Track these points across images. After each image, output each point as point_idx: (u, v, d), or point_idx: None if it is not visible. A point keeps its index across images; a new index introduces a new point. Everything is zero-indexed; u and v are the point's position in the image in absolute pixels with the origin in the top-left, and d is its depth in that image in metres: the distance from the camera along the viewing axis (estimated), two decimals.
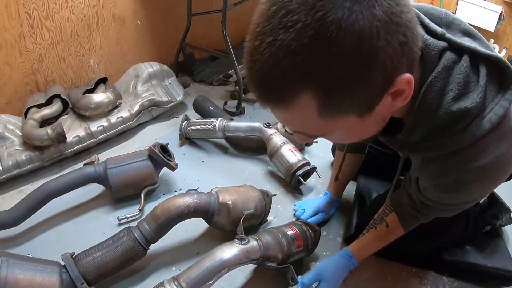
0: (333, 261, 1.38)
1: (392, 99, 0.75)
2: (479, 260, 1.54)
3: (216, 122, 2.08)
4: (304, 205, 1.76)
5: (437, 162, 0.97)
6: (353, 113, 0.74)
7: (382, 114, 0.81)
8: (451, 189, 0.99)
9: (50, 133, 1.79)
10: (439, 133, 0.90)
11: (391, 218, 1.32)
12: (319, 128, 0.80)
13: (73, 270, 1.21)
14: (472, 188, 0.97)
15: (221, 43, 2.80)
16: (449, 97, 0.84)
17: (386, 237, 1.35)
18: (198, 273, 1.16)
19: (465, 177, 0.93)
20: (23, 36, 2.06)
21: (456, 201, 1.08)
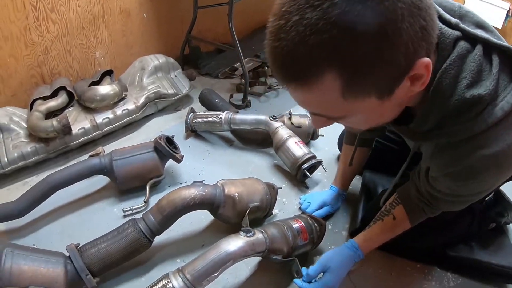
0: (339, 252, 1.38)
1: (411, 84, 0.77)
2: (483, 257, 1.53)
3: (222, 114, 2.07)
4: (310, 199, 1.75)
5: (449, 150, 0.97)
6: (375, 95, 0.75)
7: (400, 99, 0.81)
8: (462, 177, 0.98)
9: (56, 125, 1.79)
10: (452, 120, 0.90)
11: (398, 211, 1.32)
12: (339, 110, 0.79)
13: (78, 261, 1.21)
14: (483, 177, 0.96)
15: (227, 36, 2.79)
16: (462, 84, 0.85)
17: (392, 230, 1.35)
18: (203, 265, 1.16)
19: (476, 165, 0.92)
20: (29, 29, 2.05)
21: (466, 192, 1.07)
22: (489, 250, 1.56)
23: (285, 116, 2.14)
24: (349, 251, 1.36)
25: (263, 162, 2.08)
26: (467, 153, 0.92)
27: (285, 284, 1.43)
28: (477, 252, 1.54)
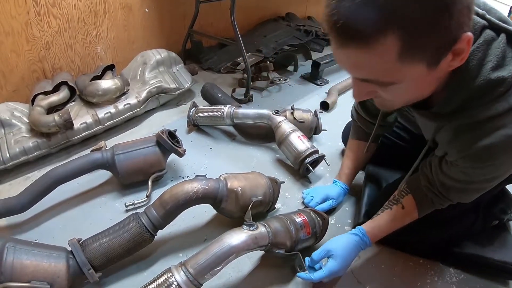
0: (344, 237, 1.37)
1: (452, 58, 0.83)
2: (486, 253, 1.52)
3: (224, 109, 2.07)
4: (313, 192, 1.75)
5: (470, 131, 1.00)
6: (425, 62, 0.81)
7: (440, 73, 0.89)
8: (481, 158, 1.01)
9: (58, 120, 1.78)
10: (476, 101, 0.96)
11: (407, 200, 1.33)
12: (392, 74, 0.84)
13: (80, 256, 1.20)
14: (502, 159, 0.99)
15: (229, 31, 2.79)
16: (488, 66, 0.92)
17: (400, 219, 1.35)
18: (206, 258, 1.15)
19: (497, 144, 0.95)
20: (30, 24, 2.05)
21: (481, 176, 1.09)
22: (492, 246, 1.56)
23: (288, 111, 2.13)
24: (354, 237, 1.36)
25: (265, 156, 2.07)
26: (488, 133, 0.96)
27: (288, 279, 1.42)
28: (480, 248, 1.54)
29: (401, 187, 1.39)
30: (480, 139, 0.98)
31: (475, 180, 1.12)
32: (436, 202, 1.28)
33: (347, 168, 1.75)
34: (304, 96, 2.84)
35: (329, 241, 1.37)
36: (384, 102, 1.00)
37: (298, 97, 2.81)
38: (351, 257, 1.35)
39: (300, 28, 3.89)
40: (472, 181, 1.13)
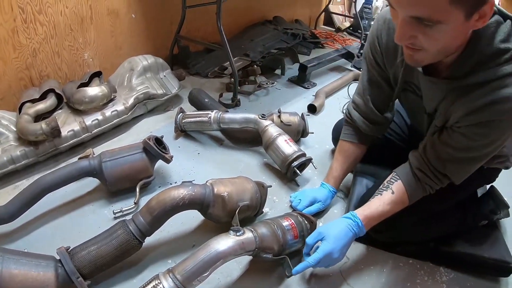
0: (336, 221, 1.40)
1: (477, 18, 0.98)
2: (477, 251, 1.55)
3: (211, 114, 2.07)
4: (300, 196, 1.76)
5: (478, 89, 1.13)
6: (465, 10, 0.95)
7: (467, 29, 1.04)
8: (484, 114, 1.12)
9: (45, 128, 1.78)
10: (485, 65, 1.10)
11: (397, 186, 1.39)
12: (440, 13, 0.95)
13: (69, 264, 1.20)
14: (502, 118, 1.11)
15: (216, 35, 2.80)
16: (497, 39, 1.08)
17: (390, 204, 1.39)
18: (193, 265, 1.16)
19: (500, 101, 1.08)
20: (17, 31, 2.04)
21: (481, 139, 1.20)
22: (482, 244, 1.58)
23: (275, 114, 2.15)
24: (345, 219, 1.38)
25: (253, 160, 2.09)
26: (494, 90, 1.09)
27: (277, 283, 1.43)
28: (470, 247, 1.56)
29: (391, 175, 1.43)
30: (485, 95, 1.10)
31: (474, 146, 1.22)
32: (426, 185, 1.35)
33: (336, 171, 1.76)
34: (292, 99, 2.86)
35: (321, 226, 1.40)
36: (416, 54, 1.10)
37: (286, 100, 2.83)
38: (344, 238, 1.35)
39: (288, 31, 3.91)
40: (470, 147, 1.23)
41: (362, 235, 1.39)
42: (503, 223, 1.78)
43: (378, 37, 1.43)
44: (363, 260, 1.57)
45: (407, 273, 1.54)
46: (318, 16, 5.09)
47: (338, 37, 4.74)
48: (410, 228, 1.52)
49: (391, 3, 1.03)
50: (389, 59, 1.44)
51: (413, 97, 1.44)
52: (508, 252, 1.55)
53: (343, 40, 4.65)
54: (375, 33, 1.45)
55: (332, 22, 5.33)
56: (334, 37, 4.69)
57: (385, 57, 1.45)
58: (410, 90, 1.44)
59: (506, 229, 1.78)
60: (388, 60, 1.44)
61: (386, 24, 1.39)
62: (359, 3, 4.98)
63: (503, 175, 1.61)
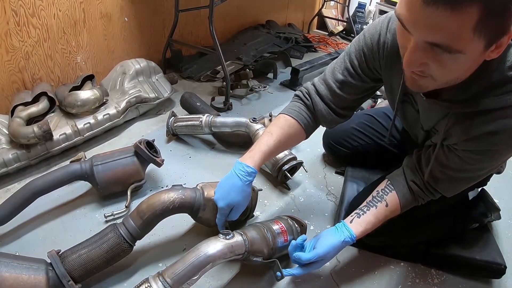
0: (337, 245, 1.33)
1: (494, 49, 0.91)
2: (468, 253, 1.56)
3: (202, 118, 2.09)
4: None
5: (479, 116, 1.08)
6: (486, 41, 0.87)
7: (482, 59, 0.96)
8: (482, 143, 1.10)
9: (37, 131, 1.78)
10: (489, 92, 1.04)
11: (391, 197, 1.38)
12: (461, 43, 0.87)
13: (59, 268, 1.21)
14: (501, 148, 1.10)
15: (209, 39, 2.81)
16: (506, 65, 1.01)
17: (384, 217, 1.38)
18: (182, 268, 1.16)
19: (501, 132, 1.05)
20: (10, 34, 2.05)
21: (475, 164, 1.18)
22: (473, 246, 1.59)
23: (266, 118, 2.16)
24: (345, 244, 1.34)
25: None
26: (496, 120, 1.05)
27: (267, 286, 1.45)
28: (462, 249, 1.58)
29: (385, 184, 1.42)
30: (486, 124, 1.06)
31: (468, 168, 1.20)
32: (419, 197, 1.36)
33: (265, 145, 1.46)
34: (284, 103, 2.86)
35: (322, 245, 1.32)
36: (422, 80, 1.03)
37: (278, 104, 2.84)
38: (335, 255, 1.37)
39: (280, 35, 3.92)
40: (464, 169, 1.21)
41: None
42: (494, 225, 1.80)
43: (379, 43, 1.29)
44: (354, 263, 1.58)
45: (399, 275, 1.55)
46: (311, 20, 5.10)
47: (331, 41, 4.75)
48: (401, 232, 1.53)
49: (404, 25, 0.91)
50: (384, 68, 1.33)
51: (411, 110, 1.39)
52: (499, 253, 1.56)
53: (336, 44, 4.66)
54: (377, 39, 1.30)
55: (325, 26, 5.34)
56: (327, 41, 4.70)
57: (382, 66, 1.33)
58: (408, 102, 1.37)
59: (497, 231, 1.80)
60: (382, 68, 1.33)
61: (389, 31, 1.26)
62: (352, 7, 5.01)
63: (492, 178, 1.63)
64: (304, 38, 4.35)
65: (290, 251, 1.37)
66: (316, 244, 1.35)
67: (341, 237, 1.33)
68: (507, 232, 1.82)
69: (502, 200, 1.73)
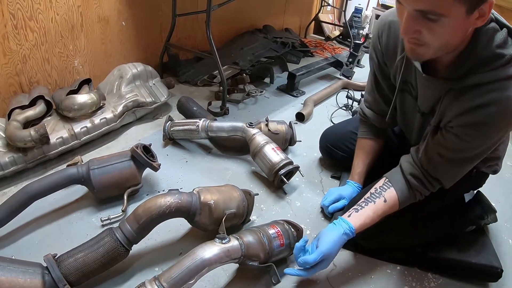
0: (339, 241, 1.37)
1: (477, 17, 1.06)
2: (464, 257, 1.57)
3: (199, 122, 2.09)
4: (328, 194, 1.80)
5: (471, 90, 1.19)
6: (466, 6, 1.01)
7: (468, 26, 1.10)
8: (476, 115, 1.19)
9: (33, 135, 1.78)
10: (480, 68, 1.16)
11: (389, 193, 1.43)
12: (445, 7, 1.02)
13: (55, 271, 1.21)
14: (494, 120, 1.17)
15: (206, 43, 2.81)
16: (494, 44, 1.14)
17: (383, 212, 1.43)
18: (179, 272, 1.17)
19: (492, 103, 1.15)
20: (7, 37, 2.05)
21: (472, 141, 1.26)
22: (470, 249, 1.60)
23: (262, 123, 2.16)
24: (345, 237, 1.37)
25: (241, 169, 2.10)
26: (487, 93, 1.15)
27: None
28: (457, 252, 1.58)
29: (383, 181, 1.47)
30: (479, 97, 1.17)
31: (464, 147, 1.28)
32: (417, 192, 1.42)
33: (358, 167, 1.81)
34: (280, 107, 2.88)
35: (324, 245, 1.35)
36: (419, 48, 1.16)
37: (274, 108, 2.85)
38: (336, 253, 1.38)
39: (277, 40, 3.93)
40: (461, 148, 1.29)
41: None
42: (491, 228, 1.81)
43: (379, 37, 1.53)
44: (351, 267, 1.58)
45: (395, 279, 1.55)
46: (308, 24, 5.12)
47: (327, 45, 4.77)
48: (397, 233, 1.54)
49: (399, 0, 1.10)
50: (389, 57, 1.52)
51: (409, 99, 1.52)
52: (496, 257, 1.57)
53: (332, 49, 4.68)
54: (376, 34, 1.54)
55: (322, 31, 5.37)
56: (324, 46, 4.71)
57: (385, 55, 1.54)
58: (407, 90, 1.51)
59: (494, 234, 1.80)
60: (388, 58, 1.53)
61: (387, 25, 1.48)
62: (348, 12, 5.02)
63: (488, 180, 1.64)
64: (301, 42, 4.36)
65: (295, 254, 1.38)
66: (318, 243, 1.36)
67: (341, 230, 1.37)
68: (503, 235, 1.83)
69: (498, 203, 1.74)
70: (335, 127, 2.21)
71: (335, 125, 2.25)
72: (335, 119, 2.79)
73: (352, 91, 3.04)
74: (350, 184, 1.78)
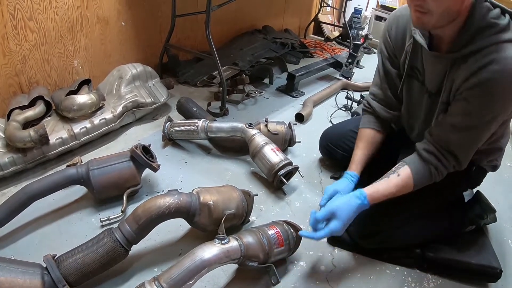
0: (347, 201, 1.43)
1: None
2: (463, 257, 1.57)
3: (198, 123, 2.09)
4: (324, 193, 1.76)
5: (474, 55, 1.29)
6: None
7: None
8: (481, 77, 1.26)
9: (33, 135, 1.78)
10: (479, 35, 1.28)
11: (403, 170, 1.47)
12: None
13: (55, 272, 1.21)
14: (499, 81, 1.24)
15: (205, 45, 2.81)
16: (489, 16, 1.26)
17: (396, 185, 1.45)
18: (178, 273, 1.17)
19: (494, 63, 1.23)
20: (7, 37, 2.05)
21: (481, 108, 1.31)
22: (468, 250, 1.60)
23: (262, 123, 2.16)
24: (357, 200, 1.42)
25: (240, 169, 2.10)
26: (488, 55, 1.25)
27: None
28: (457, 253, 1.59)
29: (398, 163, 1.51)
30: (482, 58, 1.26)
31: (473, 111, 1.33)
32: (432, 165, 1.44)
33: (356, 156, 1.79)
34: (280, 108, 2.88)
35: (333, 202, 1.44)
36: (423, 16, 1.26)
37: (274, 109, 2.85)
38: (351, 219, 1.41)
39: (277, 40, 3.93)
40: (470, 112, 1.33)
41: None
42: (490, 228, 1.81)
43: (389, 31, 1.65)
44: (350, 267, 1.59)
45: (395, 280, 1.55)
46: (307, 25, 5.12)
47: (327, 46, 4.76)
48: (396, 232, 1.55)
49: None
50: (398, 48, 1.63)
51: (416, 84, 1.60)
52: (495, 257, 1.57)
53: (332, 50, 4.68)
54: (386, 29, 1.68)
55: (321, 32, 5.36)
56: (323, 46, 4.71)
57: (395, 47, 1.65)
58: (414, 76, 1.60)
59: (493, 234, 1.81)
60: (397, 49, 1.64)
61: (395, 20, 1.62)
62: (348, 13, 5.02)
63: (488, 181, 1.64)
64: (300, 43, 4.36)
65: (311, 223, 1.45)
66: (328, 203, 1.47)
67: (351, 194, 1.46)
68: (503, 236, 1.83)
69: (497, 204, 1.75)
70: (335, 127, 2.21)
71: (335, 125, 2.26)
72: (335, 119, 2.79)
73: (351, 92, 3.04)
74: (346, 176, 1.75)
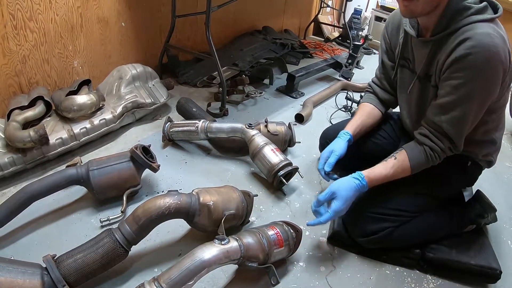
0: (347, 181, 1.51)
1: None
2: (463, 258, 1.57)
3: (198, 123, 2.09)
4: (320, 157, 1.79)
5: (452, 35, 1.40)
6: None
7: None
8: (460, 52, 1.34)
9: (33, 135, 1.78)
10: (455, 18, 1.40)
11: (400, 154, 1.54)
12: None
13: (55, 272, 1.21)
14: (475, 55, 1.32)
15: (205, 45, 2.81)
16: (467, 1, 1.38)
17: (393, 168, 1.52)
18: (178, 273, 1.17)
19: (469, 38, 1.33)
20: (7, 38, 2.05)
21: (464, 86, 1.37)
22: (468, 251, 1.61)
23: (262, 124, 2.16)
24: (355, 180, 1.49)
25: (240, 170, 2.10)
26: (463, 31, 1.36)
27: None
28: (457, 253, 1.59)
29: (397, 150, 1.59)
30: (457, 38, 1.37)
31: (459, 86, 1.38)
32: (427, 146, 1.49)
33: (353, 120, 1.87)
34: (280, 108, 2.88)
35: (334, 184, 1.51)
36: (411, 4, 1.39)
37: (274, 110, 2.85)
38: (352, 198, 1.49)
39: (277, 41, 3.93)
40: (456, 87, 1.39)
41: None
42: (490, 229, 1.81)
43: (387, 27, 1.82)
44: (350, 268, 1.59)
45: (394, 280, 1.56)
46: (307, 26, 5.12)
47: (327, 47, 4.76)
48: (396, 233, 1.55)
49: None
50: (393, 42, 1.78)
51: (407, 72, 1.71)
52: (495, 258, 1.58)
53: (332, 50, 4.67)
54: (385, 27, 1.84)
55: (321, 32, 5.36)
56: (323, 47, 4.70)
57: (391, 41, 1.80)
58: (405, 66, 1.72)
59: (493, 235, 1.81)
60: (393, 44, 1.78)
61: (392, 17, 1.79)
62: (348, 13, 5.01)
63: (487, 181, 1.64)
64: (300, 44, 4.36)
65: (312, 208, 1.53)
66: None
67: (349, 176, 1.53)
68: (502, 237, 1.84)
69: (497, 205, 1.74)
70: (335, 126, 2.21)
71: (335, 124, 2.26)
72: (334, 120, 2.79)
73: (351, 92, 3.04)
74: (340, 134, 1.79)
